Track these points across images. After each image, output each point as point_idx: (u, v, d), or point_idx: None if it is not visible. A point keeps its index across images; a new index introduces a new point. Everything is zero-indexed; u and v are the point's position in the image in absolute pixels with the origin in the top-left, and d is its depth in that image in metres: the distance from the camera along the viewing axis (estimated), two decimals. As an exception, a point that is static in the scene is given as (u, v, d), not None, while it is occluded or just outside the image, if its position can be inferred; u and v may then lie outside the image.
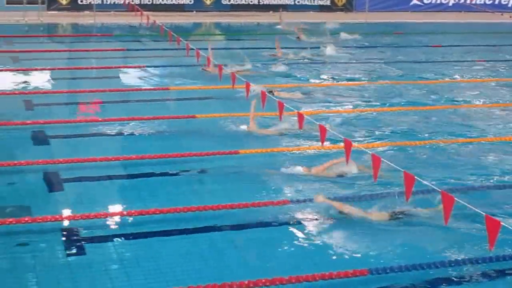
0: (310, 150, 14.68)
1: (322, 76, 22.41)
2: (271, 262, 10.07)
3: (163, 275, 9.68)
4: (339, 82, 21.70)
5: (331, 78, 22.25)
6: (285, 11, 36.25)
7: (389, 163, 10.14)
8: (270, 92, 18.23)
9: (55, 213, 11.39)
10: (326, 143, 12.83)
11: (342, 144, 11.15)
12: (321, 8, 37.62)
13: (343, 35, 30.12)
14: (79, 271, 9.72)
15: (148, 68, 22.01)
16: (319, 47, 26.92)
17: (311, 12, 37.03)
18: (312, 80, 21.74)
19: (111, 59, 23.73)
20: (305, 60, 24.85)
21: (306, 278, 9.42)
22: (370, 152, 10.04)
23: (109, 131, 15.60)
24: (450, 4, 40.04)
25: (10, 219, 11.01)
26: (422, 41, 30.84)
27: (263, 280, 9.28)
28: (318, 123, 11.73)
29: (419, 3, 39.51)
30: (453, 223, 10.46)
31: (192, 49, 17.73)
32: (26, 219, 11.11)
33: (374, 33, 32.67)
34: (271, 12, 35.94)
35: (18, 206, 11.76)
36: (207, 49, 19.89)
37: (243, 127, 15.81)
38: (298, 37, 28.95)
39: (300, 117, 12.24)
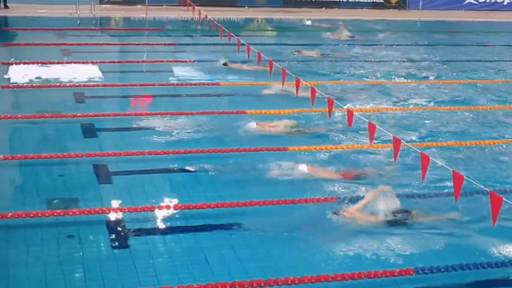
0: (359, 148, 14.58)
1: (372, 74, 22.18)
2: (320, 259, 10.03)
3: (209, 269, 9.68)
4: (391, 80, 21.47)
5: (381, 76, 22.01)
6: (337, 7, 36.05)
7: (438, 161, 9.96)
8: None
9: (102, 206, 11.49)
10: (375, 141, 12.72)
11: (391, 143, 11.01)
12: (374, 5, 37.30)
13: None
14: (124, 264, 9.76)
15: (199, 63, 22.01)
16: (370, 44, 26.72)
17: (364, 9, 36.75)
18: (362, 78, 21.55)
19: (162, 53, 23.81)
20: (354, 57, 24.63)
21: (351, 276, 9.35)
22: (419, 151, 9.88)
23: (158, 125, 15.62)
24: (505, 3, 39.39)
25: (58, 211, 11.11)
26: (476, 40, 30.37)
27: (309, 277, 9.25)
28: (368, 120, 11.58)
29: (473, 1, 38.94)
30: (500, 223, 10.32)
31: (243, 44, 17.67)
32: (74, 210, 11.21)
33: (427, 31, 32.31)
34: (323, 8, 35.78)
35: (66, 197, 11.87)
36: (256, 44, 19.82)
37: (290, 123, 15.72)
38: (333, 33, 28.49)
39: (350, 114, 12.10)
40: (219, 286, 9.02)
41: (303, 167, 12.88)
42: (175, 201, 11.80)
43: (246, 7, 34.82)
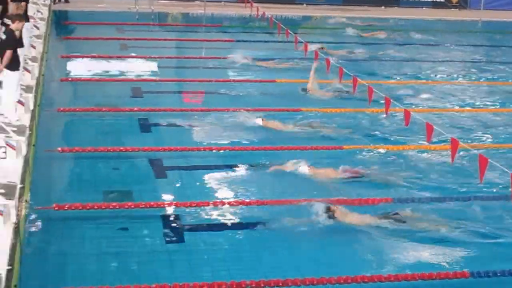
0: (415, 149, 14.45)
1: (430, 74, 21.91)
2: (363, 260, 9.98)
3: (262, 266, 9.68)
4: (450, 81, 21.18)
5: (439, 76, 21.73)
6: (397, 6, 35.64)
7: (495, 163, 9.77)
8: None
9: (157, 200, 11.56)
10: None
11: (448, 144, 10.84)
12: (434, 5, 36.75)
13: None
14: (177, 258, 9.82)
15: (255, 60, 21.92)
16: (428, 44, 26.42)
17: (424, 8, 36.25)
18: (422, 78, 21.29)
19: (218, 50, 23.77)
20: (410, 58, 24.34)
21: (405, 277, 9.30)
22: (478, 153, 9.70)
23: (214, 121, 15.62)
24: None
25: (114, 203, 11.22)
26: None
27: (369, 276, 9.27)
28: (425, 120, 11.41)
29: (538, 1, 38.08)
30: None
31: (301, 42, 17.57)
32: (129, 204, 11.29)
33: (488, 32, 31.79)
34: (383, 7, 35.41)
35: (122, 191, 11.97)
36: (315, 42, 19.66)
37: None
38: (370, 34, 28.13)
39: (407, 114, 11.94)
40: (271, 283, 9.01)
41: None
42: (229, 197, 11.83)
43: (305, 5, 34.65)
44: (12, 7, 14.65)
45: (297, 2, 34.82)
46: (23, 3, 16.95)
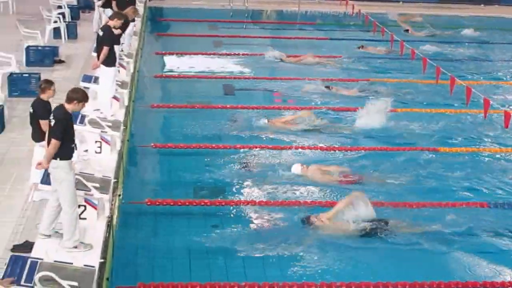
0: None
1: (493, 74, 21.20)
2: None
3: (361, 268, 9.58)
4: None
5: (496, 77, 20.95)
6: (497, 4, 34.56)
7: None
8: (327, 87, 17.70)
9: (248, 198, 11.52)
10: None
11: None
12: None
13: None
14: (268, 256, 9.72)
15: (346, 59, 21.56)
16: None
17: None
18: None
19: (312, 48, 23.48)
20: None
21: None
22: None
23: (306, 121, 15.40)
24: None
25: (205, 200, 11.24)
26: None
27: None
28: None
29: None
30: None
31: (397, 40, 17.26)
32: (220, 201, 11.32)
33: None
34: (482, 5, 34.47)
35: (213, 187, 11.99)
36: (409, 41, 19.14)
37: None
38: (406, 30, 27.17)
39: (507, 115, 11.57)
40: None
41: None
42: (320, 197, 11.71)
43: (401, 2, 34.12)
44: (129, 11, 14.86)
45: (393, 0, 34.24)
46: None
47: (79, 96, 8.45)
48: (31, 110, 9.75)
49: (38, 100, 9.71)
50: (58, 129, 8.21)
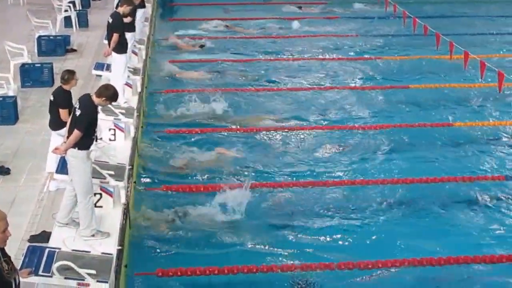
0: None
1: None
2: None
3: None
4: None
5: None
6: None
7: None
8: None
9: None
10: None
11: None
12: None
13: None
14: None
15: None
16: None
17: None
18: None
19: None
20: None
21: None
22: None
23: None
24: None
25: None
26: None
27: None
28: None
29: None
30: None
31: (410, 17, 17.06)
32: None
33: None
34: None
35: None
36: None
37: None
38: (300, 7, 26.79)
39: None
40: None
41: None
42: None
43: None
44: None
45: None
46: None
47: (110, 94, 8.27)
48: (52, 98, 9.74)
49: (59, 89, 9.71)
50: (84, 121, 8.11)
